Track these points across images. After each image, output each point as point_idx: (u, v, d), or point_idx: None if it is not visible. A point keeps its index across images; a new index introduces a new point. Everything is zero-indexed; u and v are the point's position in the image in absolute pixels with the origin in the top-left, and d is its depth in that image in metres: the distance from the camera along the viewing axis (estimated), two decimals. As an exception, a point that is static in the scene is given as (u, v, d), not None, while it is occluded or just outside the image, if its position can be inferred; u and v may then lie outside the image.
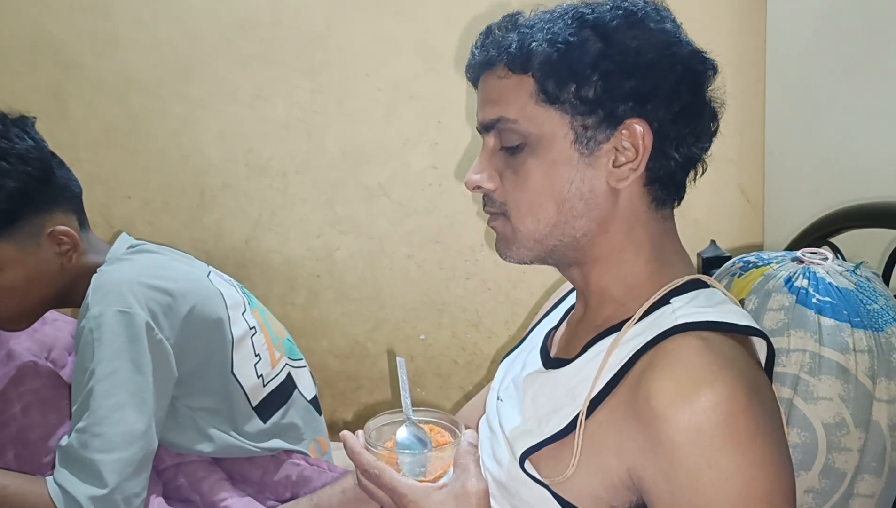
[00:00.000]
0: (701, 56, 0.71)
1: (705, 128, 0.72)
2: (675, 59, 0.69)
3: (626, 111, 0.68)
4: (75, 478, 0.90)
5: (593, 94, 0.68)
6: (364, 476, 0.72)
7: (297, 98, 1.59)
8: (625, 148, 0.69)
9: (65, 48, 1.56)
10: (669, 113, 0.69)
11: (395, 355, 1.67)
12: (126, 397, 0.93)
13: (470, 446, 0.72)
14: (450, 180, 1.61)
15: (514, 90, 0.71)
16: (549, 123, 0.69)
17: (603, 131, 0.69)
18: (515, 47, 0.70)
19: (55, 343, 1.12)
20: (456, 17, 1.54)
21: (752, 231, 1.57)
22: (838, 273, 0.80)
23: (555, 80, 0.68)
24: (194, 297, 1.03)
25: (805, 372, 0.74)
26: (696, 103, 0.71)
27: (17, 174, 0.95)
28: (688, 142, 0.71)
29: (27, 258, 0.98)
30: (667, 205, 0.74)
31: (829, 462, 0.73)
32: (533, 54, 0.69)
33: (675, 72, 0.69)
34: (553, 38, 0.69)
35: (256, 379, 1.10)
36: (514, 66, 0.70)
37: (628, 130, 0.69)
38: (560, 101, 0.69)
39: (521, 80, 0.70)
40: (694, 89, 0.70)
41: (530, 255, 0.74)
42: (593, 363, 0.71)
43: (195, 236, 1.64)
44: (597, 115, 0.69)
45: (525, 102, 0.70)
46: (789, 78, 1.42)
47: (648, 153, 0.69)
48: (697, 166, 0.74)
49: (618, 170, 0.70)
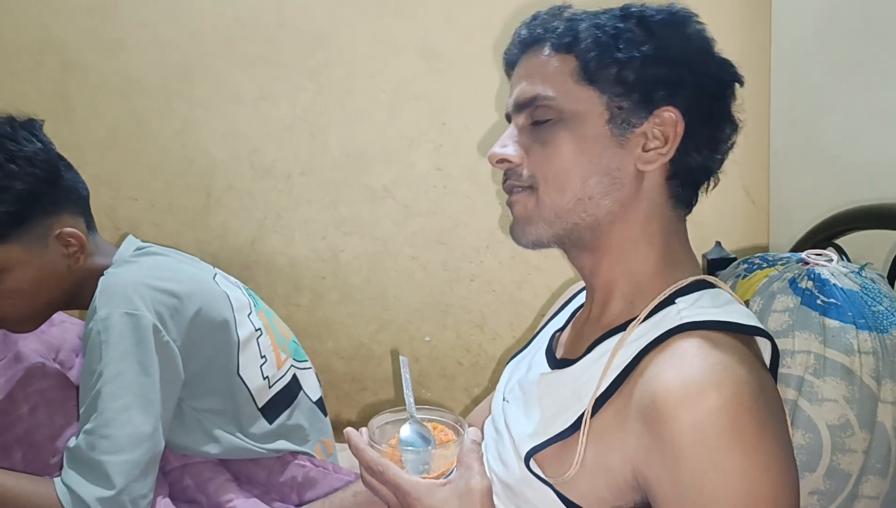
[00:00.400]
0: (733, 66, 0.75)
1: (725, 137, 0.75)
2: (712, 60, 0.73)
3: (662, 98, 0.71)
4: (83, 479, 0.91)
5: (633, 77, 0.71)
6: (368, 473, 0.72)
7: (300, 99, 1.59)
8: (655, 135, 0.72)
9: (69, 50, 1.57)
10: (699, 110, 0.72)
11: (399, 354, 1.67)
12: (133, 398, 0.93)
13: (473, 444, 0.72)
14: (454, 182, 1.62)
15: (556, 68, 0.73)
16: (586, 101, 0.72)
17: (637, 115, 0.71)
18: (563, 29, 0.73)
19: (63, 345, 1.12)
20: (457, 18, 1.54)
21: (756, 233, 1.56)
22: (843, 275, 0.80)
23: (597, 59, 0.71)
24: (200, 299, 1.03)
25: (810, 374, 0.75)
26: (722, 110, 0.74)
27: (25, 177, 0.95)
28: (709, 146, 0.74)
29: (35, 260, 0.98)
30: (681, 206, 0.76)
31: (834, 464, 0.73)
32: (579, 35, 0.72)
33: (710, 71, 0.73)
34: (600, 24, 0.72)
35: (262, 381, 1.11)
36: (560, 46, 0.73)
37: (661, 118, 0.71)
38: (600, 81, 0.71)
39: (564, 59, 0.73)
40: (722, 96, 0.74)
41: (549, 232, 0.73)
42: (599, 363, 0.72)
43: (200, 238, 1.64)
44: (633, 98, 0.71)
45: (565, 79, 0.72)
46: (794, 79, 1.41)
47: (678, 142, 0.71)
48: (710, 179, 0.76)
49: (647, 154, 0.72)
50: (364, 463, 0.72)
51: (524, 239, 0.75)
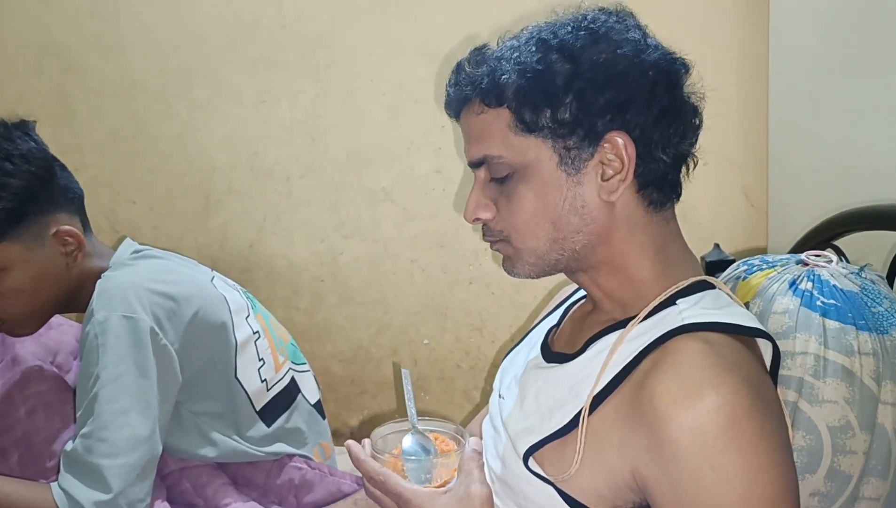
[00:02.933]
0: (671, 57, 0.72)
1: (689, 125, 0.73)
2: (646, 65, 0.70)
3: (605, 125, 0.69)
4: (80, 483, 0.90)
5: (569, 115, 0.69)
6: (370, 483, 0.73)
7: (301, 102, 1.59)
8: (610, 161, 0.70)
9: (70, 52, 1.57)
10: (650, 118, 0.70)
11: (400, 365, 1.67)
12: (130, 401, 0.93)
13: (474, 452, 0.73)
14: (454, 185, 1.62)
15: (492, 124, 0.72)
16: (533, 150, 0.71)
17: (586, 149, 0.70)
18: (487, 82, 0.71)
19: (60, 348, 1.12)
20: (458, 20, 1.54)
21: (755, 234, 1.56)
22: (843, 276, 0.80)
23: (529, 108, 0.70)
24: (198, 302, 1.03)
25: (810, 375, 0.74)
26: (674, 104, 0.71)
27: (21, 174, 0.96)
28: (673, 141, 0.72)
29: (33, 259, 0.98)
30: (666, 206, 0.74)
31: (835, 465, 0.73)
32: (504, 87, 0.71)
33: (648, 77, 0.70)
34: (521, 67, 0.70)
35: (260, 383, 1.10)
36: (489, 100, 0.72)
37: (610, 144, 0.70)
38: (538, 127, 0.70)
39: (498, 113, 0.72)
40: (670, 91, 0.71)
41: (535, 270, 0.76)
42: (597, 360, 0.72)
43: (200, 241, 1.64)
44: (577, 134, 0.70)
45: (505, 134, 0.72)
46: (793, 80, 1.41)
47: (634, 162, 0.70)
48: (688, 162, 0.75)
49: (607, 183, 0.71)
50: (366, 474, 0.73)
51: (515, 275, 0.77)
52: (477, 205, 0.76)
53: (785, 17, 1.42)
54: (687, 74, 0.73)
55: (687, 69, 0.73)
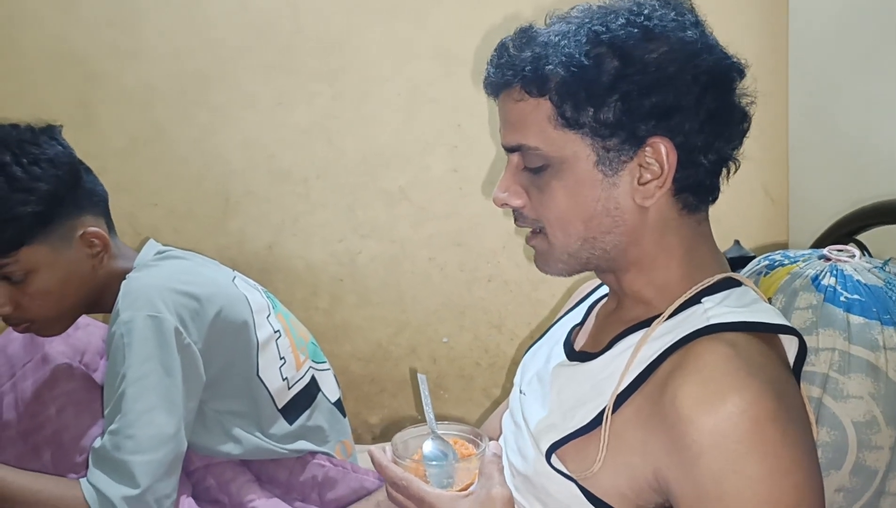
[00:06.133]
0: (727, 61, 0.69)
1: (735, 130, 0.71)
2: (699, 70, 0.67)
3: (649, 130, 0.67)
4: (109, 479, 0.92)
5: (613, 116, 0.67)
6: (393, 488, 0.74)
7: (316, 104, 1.61)
8: (649, 165, 0.68)
9: (90, 60, 1.60)
10: (696, 123, 0.67)
11: (419, 365, 1.68)
12: (156, 400, 0.95)
13: (494, 456, 0.73)
14: (470, 184, 1.62)
15: (531, 114, 0.69)
16: (571, 146, 0.69)
17: (626, 152, 0.68)
18: (530, 70, 0.68)
19: (88, 347, 1.14)
20: (471, 20, 1.54)
21: (776, 230, 1.55)
22: (866, 270, 0.79)
23: (572, 104, 0.67)
24: (220, 301, 1.04)
25: (834, 370, 0.74)
26: (723, 109, 0.69)
27: (48, 178, 0.97)
28: (717, 147, 0.69)
29: (61, 260, 1.00)
30: (700, 209, 0.73)
31: (860, 461, 0.73)
32: (548, 78, 0.67)
33: (700, 82, 0.67)
34: (568, 59, 0.66)
35: (281, 382, 1.11)
36: (530, 89, 0.69)
37: (651, 148, 0.68)
38: (579, 124, 0.68)
39: (539, 103, 0.69)
40: (720, 96, 0.69)
41: (567, 268, 0.74)
42: (621, 359, 0.72)
43: (219, 243, 1.66)
44: (618, 136, 0.67)
45: (544, 126, 0.69)
46: (812, 75, 1.40)
47: (674, 169, 0.68)
48: (729, 165, 0.73)
49: (643, 188, 0.69)
50: (389, 479, 0.73)
51: (548, 272, 0.76)
52: (507, 190, 0.73)
53: (803, 13, 1.40)
54: (741, 78, 0.70)
55: (742, 74, 0.70)
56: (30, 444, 1.05)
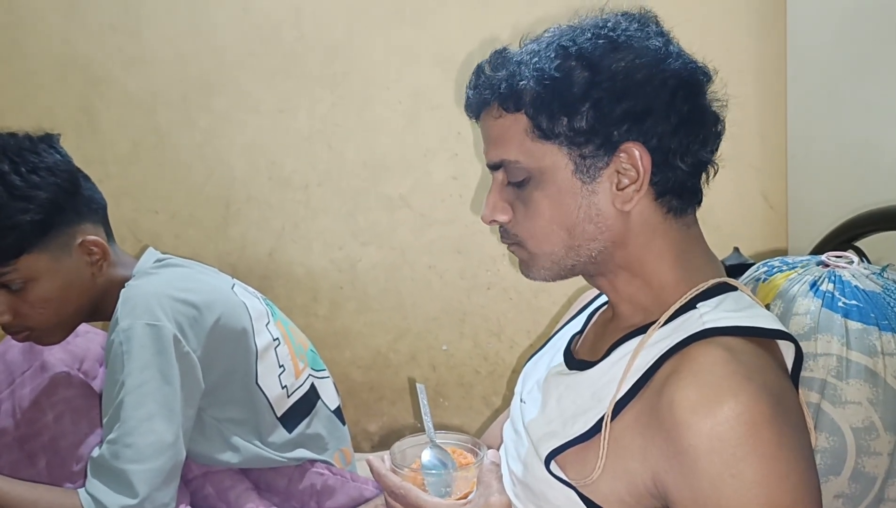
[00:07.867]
0: (693, 65, 0.72)
1: (709, 133, 0.72)
2: (666, 74, 0.69)
3: (622, 135, 0.69)
4: (107, 488, 0.92)
5: (586, 124, 0.69)
6: (391, 497, 0.74)
7: (318, 110, 1.61)
8: (626, 170, 0.70)
9: (93, 66, 1.61)
10: (668, 127, 0.69)
11: (418, 373, 1.68)
12: (155, 408, 0.95)
13: (493, 465, 0.74)
14: (470, 191, 1.62)
15: (510, 129, 0.72)
16: (549, 157, 0.71)
17: (601, 158, 0.70)
18: (506, 87, 0.71)
19: (87, 355, 1.14)
20: (473, 27, 1.55)
21: (775, 237, 1.55)
22: (864, 276, 0.79)
23: (546, 116, 0.70)
24: (219, 309, 1.05)
25: (833, 376, 0.74)
26: (695, 112, 0.71)
27: (47, 186, 0.98)
28: (692, 150, 0.71)
29: (60, 269, 1.00)
30: (686, 212, 0.74)
31: (859, 467, 0.72)
32: (522, 92, 0.71)
33: (668, 87, 0.69)
34: (539, 74, 0.70)
35: (281, 390, 1.12)
36: (507, 105, 0.72)
37: (626, 154, 0.70)
38: (555, 134, 0.70)
39: (516, 118, 0.72)
40: (690, 99, 0.70)
41: (551, 274, 0.76)
42: (619, 366, 0.72)
43: (221, 249, 1.66)
44: (593, 143, 0.70)
45: (522, 139, 0.72)
46: (811, 81, 1.41)
47: (649, 173, 0.70)
48: (708, 169, 0.74)
49: (622, 193, 0.71)
50: (387, 488, 0.74)
51: (532, 278, 0.77)
52: (494, 207, 0.76)
53: (802, 19, 1.41)
54: (709, 82, 0.72)
55: (709, 77, 0.72)
56: (25, 451, 1.06)
